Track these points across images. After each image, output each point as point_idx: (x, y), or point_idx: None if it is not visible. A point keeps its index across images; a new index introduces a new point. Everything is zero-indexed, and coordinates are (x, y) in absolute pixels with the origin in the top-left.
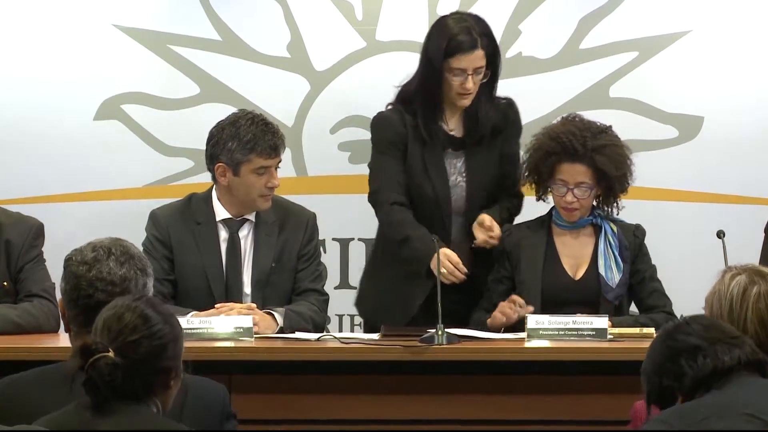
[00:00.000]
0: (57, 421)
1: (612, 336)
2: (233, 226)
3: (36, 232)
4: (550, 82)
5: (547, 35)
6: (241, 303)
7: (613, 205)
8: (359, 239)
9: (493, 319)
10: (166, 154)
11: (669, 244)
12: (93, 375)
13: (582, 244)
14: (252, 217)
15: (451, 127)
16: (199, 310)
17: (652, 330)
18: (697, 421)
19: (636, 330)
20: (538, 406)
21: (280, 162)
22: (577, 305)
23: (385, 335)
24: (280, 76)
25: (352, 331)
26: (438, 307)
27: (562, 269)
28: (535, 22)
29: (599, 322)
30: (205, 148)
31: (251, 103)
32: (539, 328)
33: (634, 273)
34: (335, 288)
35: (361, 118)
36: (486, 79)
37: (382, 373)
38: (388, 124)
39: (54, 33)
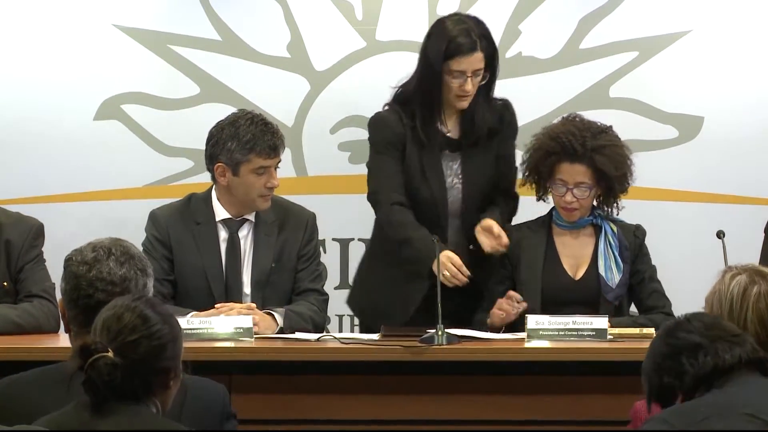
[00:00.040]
0: (56, 421)
1: (612, 336)
2: (233, 226)
3: (36, 232)
4: (550, 82)
5: (547, 35)
6: (240, 303)
7: (614, 206)
8: (359, 239)
9: (492, 316)
10: (166, 154)
11: (669, 245)
12: (92, 375)
13: (582, 244)
14: (252, 217)
15: (448, 128)
16: (199, 311)
17: (652, 330)
18: (698, 421)
19: (636, 330)
20: (538, 406)
21: (280, 162)
22: (577, 305)
23: (385, 335)
24: (280, 76)
25: (352, 331)
26: (438, 307)
27: (562, 269)
28: (535, 22)
29: (599, 322)
30: (204, 148)
31: (251, 103)
32: (539, 329)
33: (634, 273)
34: (335, 288)
35: (361, 118)
36: (484, 81)
37: (382, 373)
38: (386, 125)
39: (54, 33)
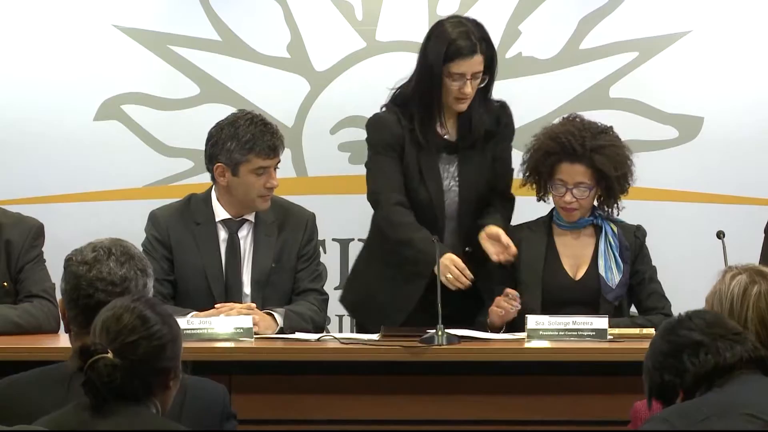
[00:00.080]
0: (56, 421)
1: (612, 336)
2: (233, 226)
3: (36, 233)
4: (550, 82)
5: (547, 35)
6: (240, 303)
7: (614, 206)
8: (359, 239)
9: (491, 314)
10: (166, 154)
11: (669, 245)
12: (92, 376)
13: (582, 244)
14: (251, 217)
15: (446, 131)
16: (199, 311)
17: (652, 330)
18: (698, 421)
19: (636, 330)
20: (538, 406)
21: (279, 162)
22: (577, 305)
23: (385, 336)
24: (280, 76)
25: (352, 331)
26: (438, 307)
27: (562, 269)
28: (535, 23)
29: (599, 322)
30: (204, 149)
31: (251, 103)
32: (539, 329)
33: (634, 274)
34: (335, 288)
35: (361, 118)
36: (483, 83)
37: (382, 374)
38: (384, 126)
39: (54, 33)
